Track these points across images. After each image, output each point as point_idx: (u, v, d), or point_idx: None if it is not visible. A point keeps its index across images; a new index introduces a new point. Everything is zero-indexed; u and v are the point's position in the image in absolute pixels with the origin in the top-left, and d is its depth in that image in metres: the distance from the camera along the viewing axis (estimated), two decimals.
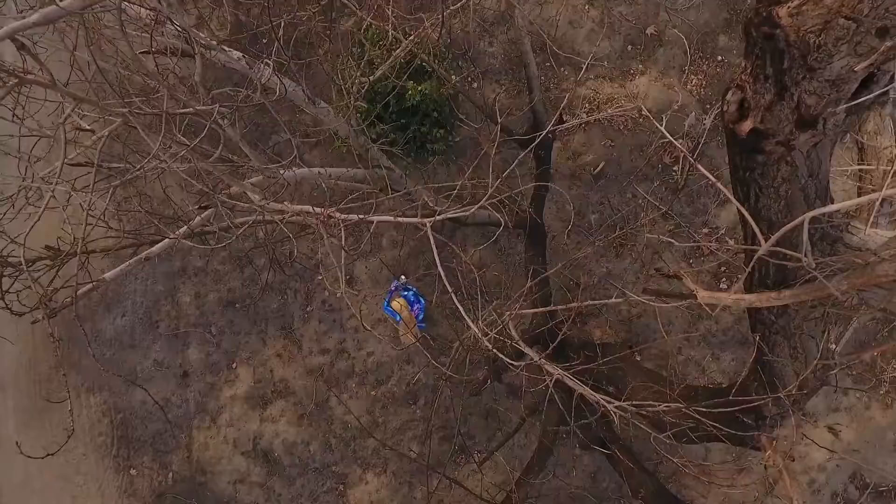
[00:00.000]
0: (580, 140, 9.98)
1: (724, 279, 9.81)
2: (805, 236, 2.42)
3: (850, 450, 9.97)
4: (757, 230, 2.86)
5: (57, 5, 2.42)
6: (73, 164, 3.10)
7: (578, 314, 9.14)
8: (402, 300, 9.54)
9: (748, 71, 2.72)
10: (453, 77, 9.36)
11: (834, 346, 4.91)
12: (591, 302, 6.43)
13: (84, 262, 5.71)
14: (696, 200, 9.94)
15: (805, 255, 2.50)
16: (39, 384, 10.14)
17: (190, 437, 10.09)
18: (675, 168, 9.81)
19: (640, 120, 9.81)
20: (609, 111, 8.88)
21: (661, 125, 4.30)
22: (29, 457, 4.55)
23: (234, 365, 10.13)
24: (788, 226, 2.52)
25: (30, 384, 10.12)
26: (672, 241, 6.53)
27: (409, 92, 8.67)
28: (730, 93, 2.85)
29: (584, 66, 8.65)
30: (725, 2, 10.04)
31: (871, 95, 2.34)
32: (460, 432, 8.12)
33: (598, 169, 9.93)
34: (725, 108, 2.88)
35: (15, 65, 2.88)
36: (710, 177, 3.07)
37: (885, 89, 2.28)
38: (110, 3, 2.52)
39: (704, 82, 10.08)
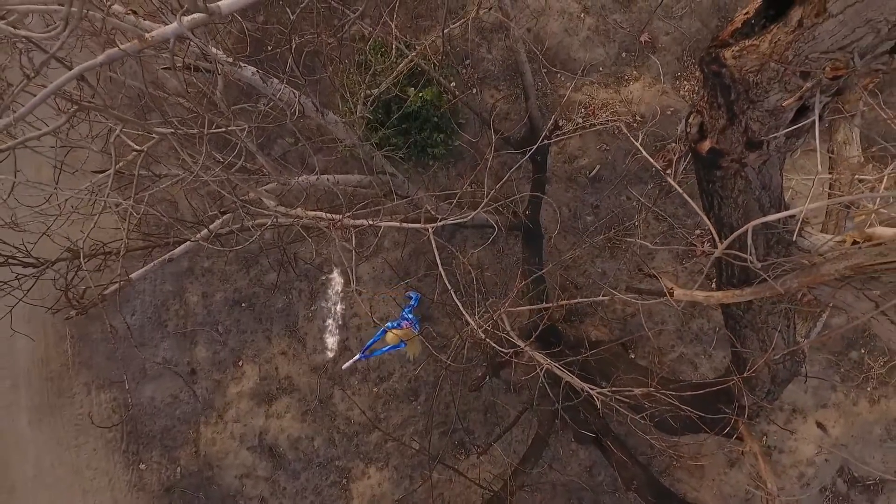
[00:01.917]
0: (576, 144, 10.49)
1: (714, 278, 10.32)
2: (749, 241, 2.93)
3: (838, 444, 10.47)
4: (715, 235, 3.38)
5: (119, 49, 2.93)
6: (119, 174, 3.59)
7: (572, 312, 9.65)
8: (396, 331, 8.96)
9: (705, 99, 3.24)
10: (452, 83, 9.89)
11: (804, 340, 5.44)
12: (577, 300, 6.92)
13: (102, 262, 6.25)
14: (689, 203, 10.45)
15: (751, 258, 3.01)
16: (51, 381, 10.65)
17: (197, 432, 10.61)
18: (667, 171, 10.30)
19: (635, 125, 10.33)
20: (600, 120, 9.36)
21: (654, 127, 4.80)
22: (100, 427, 5.06)
23: (240, 363, 10.65)
24: (736, 233, 3.04)
25: (42, 381, 10.62)
26: (647, 244, 6.98)
27: (410, 98, 9.18)
28: (691, 116, 3.37)
29: (577, 75, 9.13)
30: (716, 10, 10.55)
31: (801, 123, 2.85)
32: (462, 424, 8.61)
33: (594, 172, 10.44)
34: (688, 129, 3.40)
35: (72, 92, 3.41)
36: (678, 188, 3.58)
37: (810, 119, 2.78)
38: (164, 46, 3.02)
39: (697, 87, 10.59)
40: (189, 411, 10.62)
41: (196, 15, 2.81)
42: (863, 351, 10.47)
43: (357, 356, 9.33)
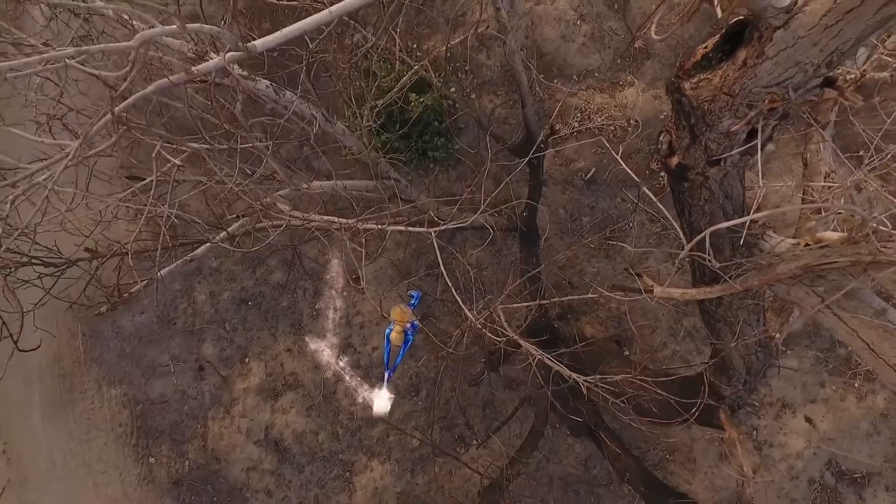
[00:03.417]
0: (572, 147, 11.07)
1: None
2: (707, 244, 3.50)
3: (826, 438, 11.05)
4: (683, 237, 3.95)
5: (168, 80, 3.51)
6: (161, 181, 4.15)
7: (568, 310, 10.22)
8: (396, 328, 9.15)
9: (673, 120, 3.81)
10: (452, 89, 10.46)
11: (778, 335, 6.02)
12: (567, 298, 7.48)
13: (120, 262, 6.82)
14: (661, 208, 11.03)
15: (709, 258, 3.58)
16: (63, 378, 11.23)
17: (205, 427, 11.18)
18: (661, 174, 10.89)
19: (629, 129, 10.91)
20: (595, 123, 9.92)
21: (651, 130, 5.36)
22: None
23: (246, 359, 11.22)
24: (697, 238, 3.61)
25: (54, 378, 11.19)
26: (625, 245, 7.56)
27: (412, 103, 9.76)
28: (662, 135, 3.94)
29: (569, 89, 9.69)
30: (708, 18, 11.11)
31: (748, 144, 3.42)
32: (464, 417, 9.15)
33: (590, 175, 11.01)
34: (659, 146, 3.97)
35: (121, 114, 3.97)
36: (653, 197, 4.15)
37: (753, 143, 3.35)
38: (207, 77, 3.57)
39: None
40: (197, 406, 11.19)
41: (235, 52, 3.39)
42: (850, 347, 11.04)
43: (387, 374, 9.48)
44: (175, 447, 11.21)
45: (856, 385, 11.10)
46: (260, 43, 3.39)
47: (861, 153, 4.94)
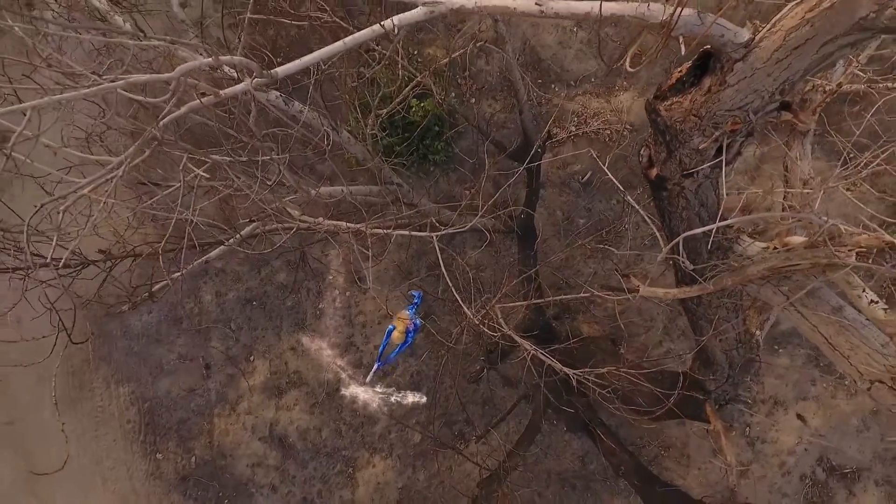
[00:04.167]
0: (569, 151, 11.56)
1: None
2: (681, 248, 3.99)
3: (817, 435, 11.54)
4: (662, 241, 4.44)
5: (200, 102, 4.00)
6: (190, 191, 4.62)
7: (565, 310, 10.72)
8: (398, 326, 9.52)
9: (652, 136, 4.30)
10: (452, 95, 10.96)
11: (758, 332, 6.52)
12: (560, 297, 7.98)
13: (133, 263, 7.32)
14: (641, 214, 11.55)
15: (683, 261, 4.07)
16: (73, 375, 11.72)
17: (211, 424, 11.68)
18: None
19: (624, 133, 11.40)
20: (591, 127, 10.41)
21: (645, 135, 5.83)
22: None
23: (251, 358, 11.72)
24: (672, 242, 4.11)
25: (65, 375, 11.69)
26: (613, 249, 8.07)
27: (413, 108, 10.26)
28: (642, 149, 4.43)
29: (569, 86, 10.16)
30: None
31: (717, 160, 3.91)
32: (465, 412, 9.64)
33: (586, 178, 11.50)
34: (640, 159, 4.46)
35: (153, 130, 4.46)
36: (636, 205, 4.64)
37: (718, 160, 3.84)
38: (239, 99, 4.04)
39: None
40: (203, 404, 11.69)
41: (261, 79, 3.89)
42: (811, 341, 11.54)
43: (375, 366, 10.11)
44: (182, 443, 11.71)
45: (846, 383, 11.58)
46: (281, 70, 3.89)
47: (854, 156, 5.43)
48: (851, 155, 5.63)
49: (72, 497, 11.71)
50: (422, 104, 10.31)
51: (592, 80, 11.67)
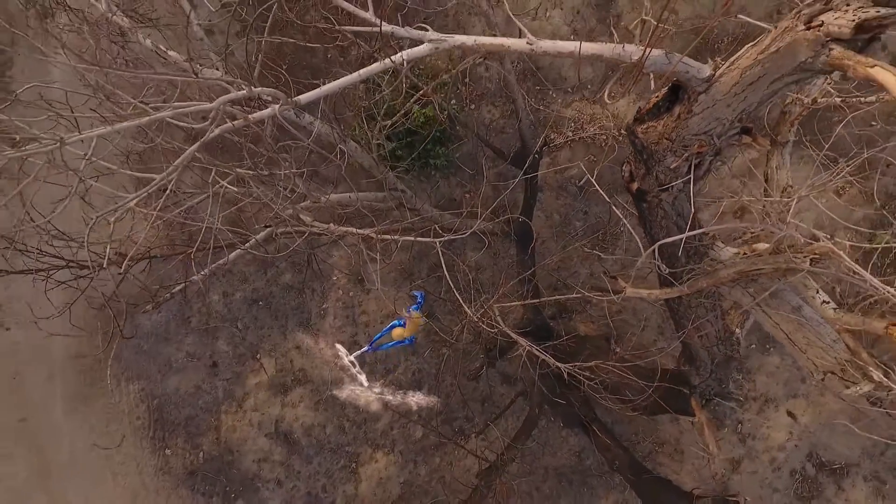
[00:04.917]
0: (566, 156, 12.18)
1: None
2: (656, 254, 4.61)
3: (807, 431, 12.15)
4: (641, 248, 5.07)
5: (231, 125, 4.62)
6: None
7: (563, 310, 11.34)
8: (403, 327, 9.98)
9: (632, 154, 4.93)
10: (452, 101, 11.58)
11: (738, 330, 7.14)
12: (554, 297, 8.59)
13: (148, 264, 7.95)
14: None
15: (659, 265, 4.69)
16: (84, 373, 12.34)
17: (219, 420, 12.30)
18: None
19: (620, 138, 12.01)
20: (588, 133, 11.03)
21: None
22: None
23: (258, 356, 12.34)
24: (650, 250, 4.72)
25: (76, 373, 12.31)
26: (601, 254, 8.68)
27: (414, 114, 10.86)
28: (624, 165, 5.06)
29: (566, 93, 10.78)
30: (697, 32, 12.21)
31: (686, 177, 4.53)
32: (467, 407, 10.25)
33: (583, 181, 12.11)
34: (623, 174, 5.08)
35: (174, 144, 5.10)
36: (620, 214, 5.26)
37: (688, 177, 4.45)
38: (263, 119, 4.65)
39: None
40: (211, 401, 12.31)
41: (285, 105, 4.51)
42: (775, 337, 12.15)
43: (365, 348, 10.86)
44: (190, 439, 12.32)
45: None
46: (303, 98, 4.51)
47: (840, 160, 6.03)
48: (825, 164, 6.26)
49: (83, 492, 12.33)
50: (423, 111, 10.90)
51: (589, 86, 12.27)
